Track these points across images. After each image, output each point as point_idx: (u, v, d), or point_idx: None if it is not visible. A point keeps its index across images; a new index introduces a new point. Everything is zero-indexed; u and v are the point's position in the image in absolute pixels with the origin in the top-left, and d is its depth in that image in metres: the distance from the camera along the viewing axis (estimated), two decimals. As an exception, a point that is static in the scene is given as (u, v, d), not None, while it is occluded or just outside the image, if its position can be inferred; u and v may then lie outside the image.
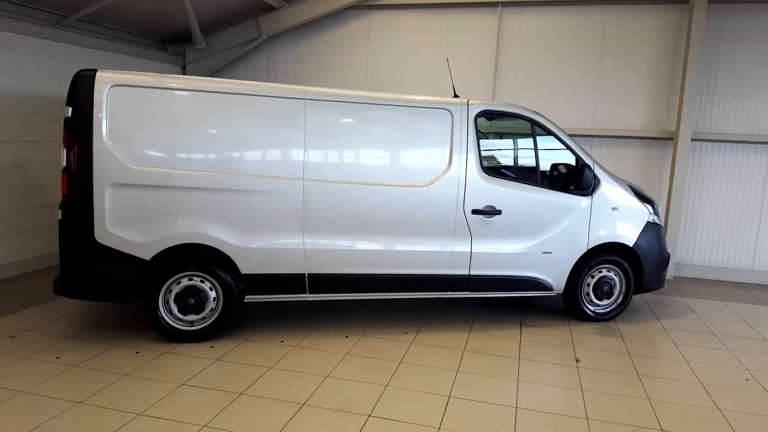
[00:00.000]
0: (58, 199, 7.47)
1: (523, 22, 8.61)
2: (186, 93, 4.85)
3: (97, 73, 4.63)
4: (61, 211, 4.67)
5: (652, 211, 6.23)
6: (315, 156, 5.15)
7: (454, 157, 5.48)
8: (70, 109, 4.59)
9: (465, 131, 5.52)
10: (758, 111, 8.10)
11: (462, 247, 5.58)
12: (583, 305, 6.13)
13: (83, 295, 4.91)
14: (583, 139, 8.53)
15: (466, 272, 5.63)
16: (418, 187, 5.39)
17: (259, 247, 5.08)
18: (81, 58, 7.37)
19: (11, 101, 6.60)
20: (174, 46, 9.18)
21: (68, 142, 4.61)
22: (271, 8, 8.81)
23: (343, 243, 5.31)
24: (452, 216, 5.50)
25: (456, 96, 5.92)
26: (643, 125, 8.48)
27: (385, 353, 5.09)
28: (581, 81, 8.55)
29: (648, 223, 6.16)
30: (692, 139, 8.10)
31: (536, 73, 8.67)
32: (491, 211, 5.58)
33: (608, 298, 6.19)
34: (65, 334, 5.16)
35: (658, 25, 8.26)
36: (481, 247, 5.63)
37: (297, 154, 5.10)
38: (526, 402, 4.29)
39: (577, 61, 8.53)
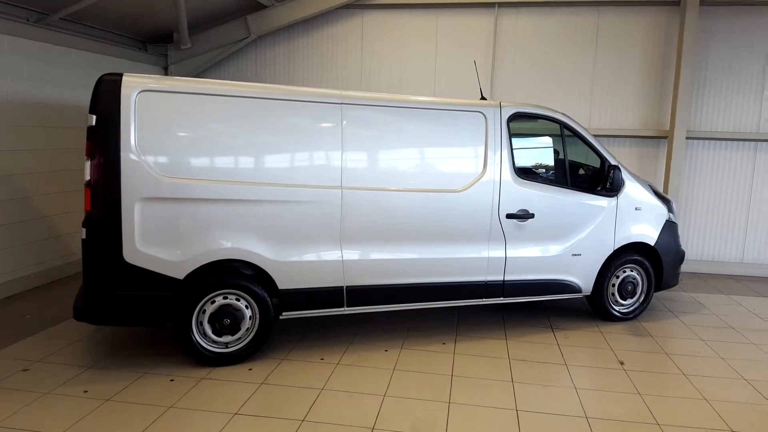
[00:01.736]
0: (46, 212, 6.96)
1: (519, 23, 8.58)
2: (219, 98, 4.46)
3: (124, 78, 4.19)
4: (84, 229, 4.20)
5: (669, 209, 6.31)
6: (352, 162, 4.89)
7: (489, 160, 5.34)
8: (94, 117, 4.13)
9: (498, 134, 5.39)
10: (745, 109, 8.38)
11: (497, 252, 5.45)
12: (609, 306, 6.14)
13: (110, 320, 4.45)
14: (580, 138, 8.58)
15: (501, 278, 5.51)
16: (457, 192, 5.22)
17: (296, 261, 4.78)
18: (61, 59, 6.77)
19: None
20: (155, 46, 8.62)
21: (92, 154, 4.15)
22: (261, 7, 8.41)
23: (381, 253, 5.07)
24: (487, 221, 5.37)
25: (483, 98, 5.79)
26: (638, 124, 8.62)
27: (433, 366, 4.89)
28: (577, 81, 8.61)
29: (667, 221, 6.23)
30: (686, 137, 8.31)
31: (532, 73, 8.66)
32: (525, 215, 5.48)
33: (631, 298, 6.22)
34: (83, 363, 4.68)
35: (651, 25, 8.41)
36: (515, 251, 5.53)
37: (335, 161, 4.82)
38: (592, 411, 4.20)
39: (572, 61, 8.58)
